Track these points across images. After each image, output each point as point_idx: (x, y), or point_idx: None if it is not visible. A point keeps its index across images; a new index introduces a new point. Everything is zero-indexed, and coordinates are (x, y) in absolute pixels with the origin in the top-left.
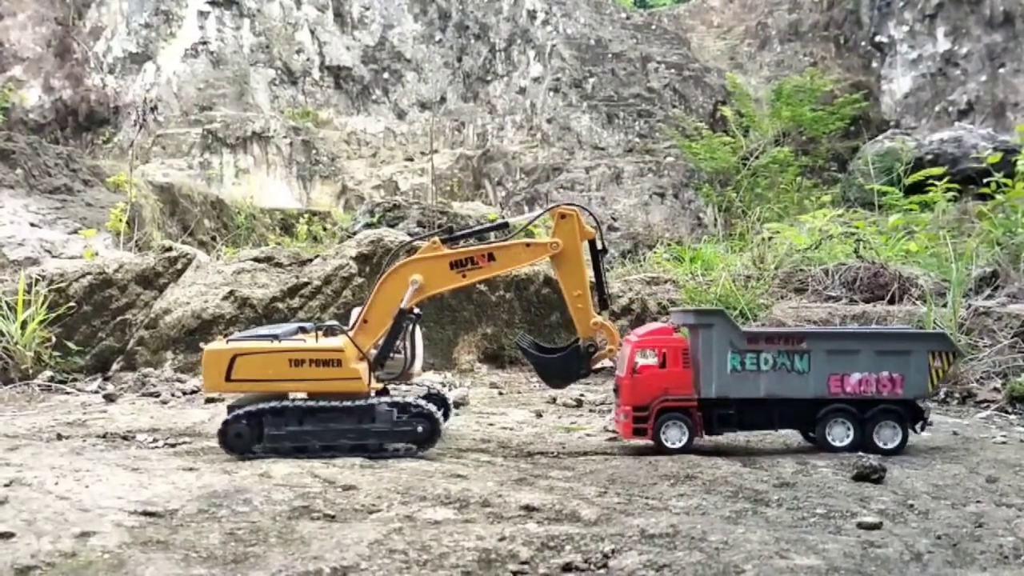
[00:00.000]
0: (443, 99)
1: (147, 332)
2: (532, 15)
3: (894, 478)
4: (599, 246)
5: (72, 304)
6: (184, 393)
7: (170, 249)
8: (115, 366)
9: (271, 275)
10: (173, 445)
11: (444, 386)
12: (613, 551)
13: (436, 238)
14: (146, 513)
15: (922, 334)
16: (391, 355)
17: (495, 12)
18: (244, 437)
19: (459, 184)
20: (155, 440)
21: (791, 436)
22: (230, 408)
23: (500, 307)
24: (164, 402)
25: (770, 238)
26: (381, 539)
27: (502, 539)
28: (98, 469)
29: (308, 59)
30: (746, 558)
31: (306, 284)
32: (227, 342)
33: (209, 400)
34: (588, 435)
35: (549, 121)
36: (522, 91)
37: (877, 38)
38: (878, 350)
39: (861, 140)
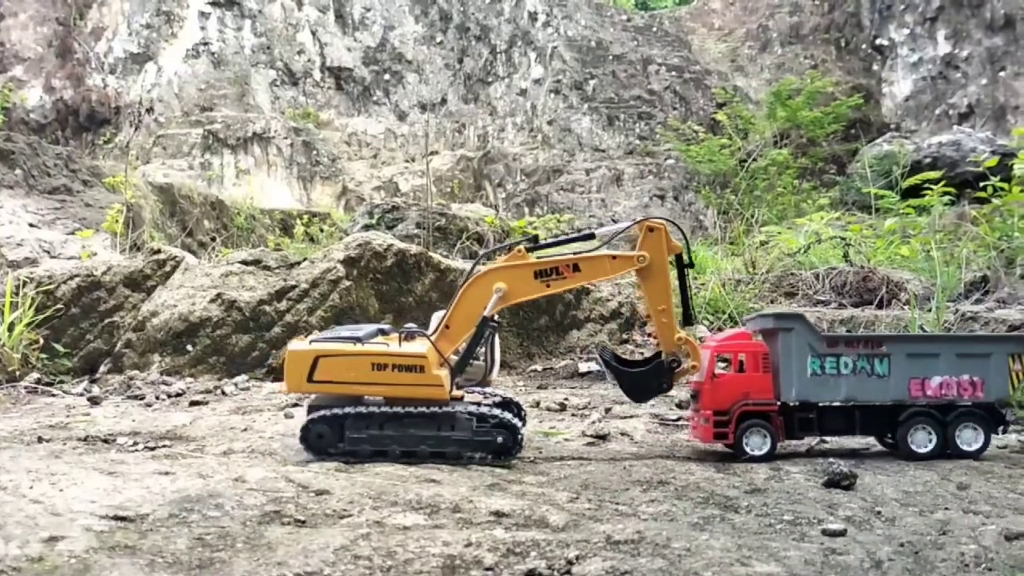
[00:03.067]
0: (444, 100)
1: (134, 335)
2: (533, 17)
3: (865, 484)
4: (686, 260)
5: (60, 306)
6: (169, 396)
7: (159, 251)
8: (102, 368)
9: (259, 278)
10: (152, 448)
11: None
12: (577, 557)
13: (521, 246)
14: (117, 517)
15: (1002, 337)
16: (471, 362)
17: (496, 14)
18: (325, 438)
19: (460, 185)
20: (135, 443)
21: None
22: (310, 408)
23: None
24: (148, 405)
25: (765, 242)
26: (348, 545)
27: (468, 545)
28: (74, 472)
29: (309, 60)
30: (707, 565)
31: (294, 287)
32: (310, 343)
33: (194, 403)
34: (567, 439)
35: (550, 123)
36: (523, 93)
37: (878, 41)
38: (958, 353)
39: (861, 143)
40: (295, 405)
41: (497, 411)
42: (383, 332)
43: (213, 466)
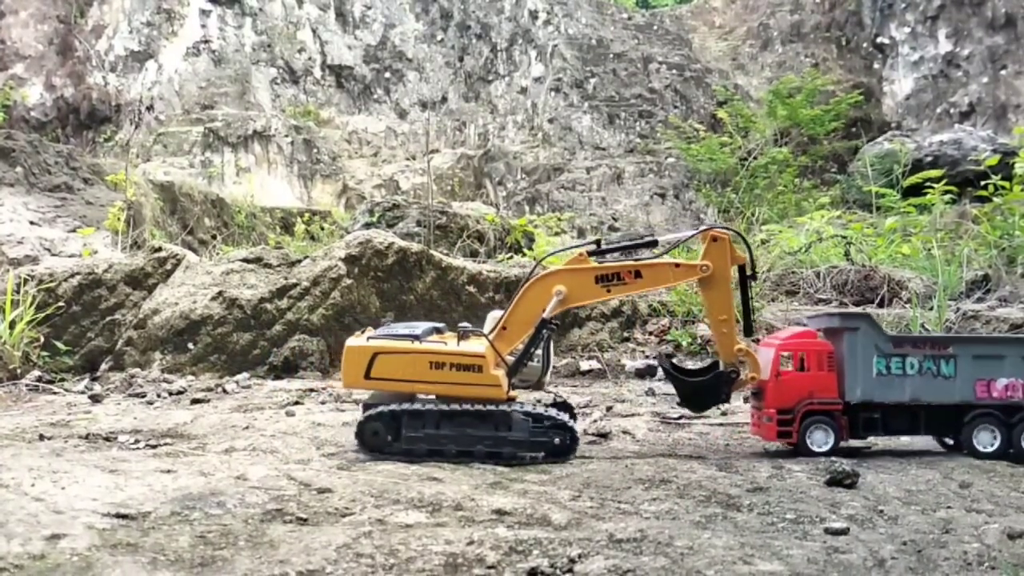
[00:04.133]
0: (444, 99)
1: (136, 332)
2: (534, 15)
3: (867, 483)
4: (748, 271)
5: (61, 304)
6: (170, 394)
7: (160, 249)
8: (103, 366)
9: (260, 276)
10: (154, 446)
11: None
12: (580, 556)
13: (583, 250)
14: (119, 515)
15: None
16: (526, 363)
17: (497, 12)
18: (380, 436)
19: (460, 184)
20: (136, 441)
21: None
22: (365, 406)
23: (490, 308)
24: (150, 403)
25: (765, 240)
26: (350, 543)
27: (470, 543)
28: (76, 470)
29: (310, 58)
30: (709, 563)
31: (295, 285)
32: (367, 339)
33: (195, 401)
34: None
35: (550, 121)
36: (523, 91)
37: (879, 39)
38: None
39: (861, 141)
40: (296, 403)
41: (554, 412)
42: (437, 331)
43: (215, 464)
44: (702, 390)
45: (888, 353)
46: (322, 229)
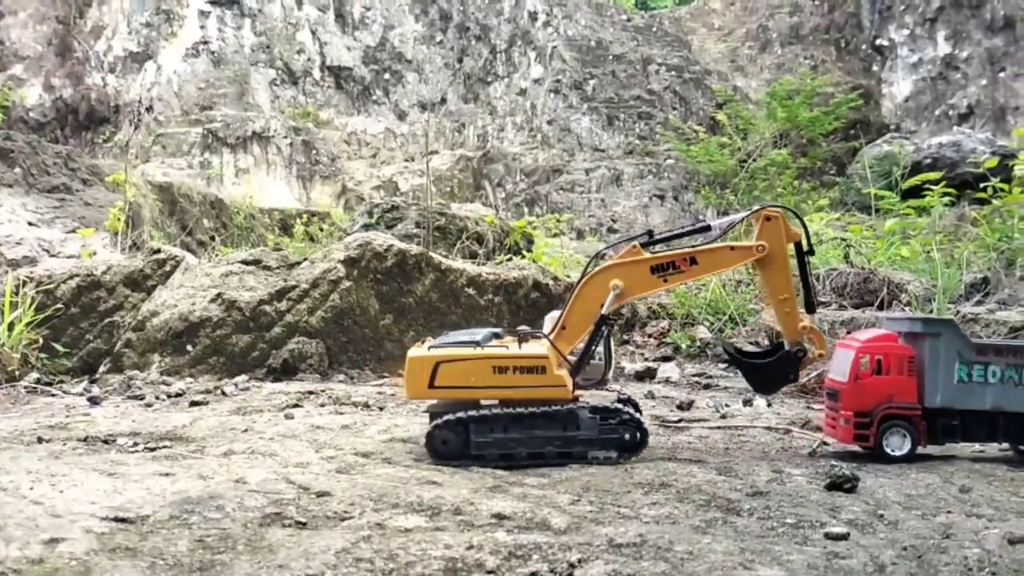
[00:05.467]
0: (443, 100)
1: (134, 334)
2: (533, 16)
3: (867, 487)
4: (805, 247)
5: (59, 306)
6: (169, 396)
7: (158, 251)
8: (102, 368)
9: (259, 278)
10: (153, 449)
11: None
12: (580, 560)
13: (636, 242)
14: (117, 519)
15: None
16: (589, 361)
17: (496, 13)
18: (450, 443)
19: (459, 185)
20: (135, 444)
21: (770, 443)
22: (431, 414)
23: (489, 310)
24: (148, 405)
25: None
26: (349, 547)
27: (470, 548)
28: (74, 474)
29: (309, 59)
30: (709, 569)
31: (294, 287)
32: (428, 348)
33: (194, 404)
34: None
35: (549, 123)
36: (522, 92)
37: (878, 41)
38: None
39: (860, 143)
40: (295, 406)
41: (621, 407)
42: (497, 335)
43: (213, 467)
44: (769, 371)
45: (970, 360)
46: (321, 230)
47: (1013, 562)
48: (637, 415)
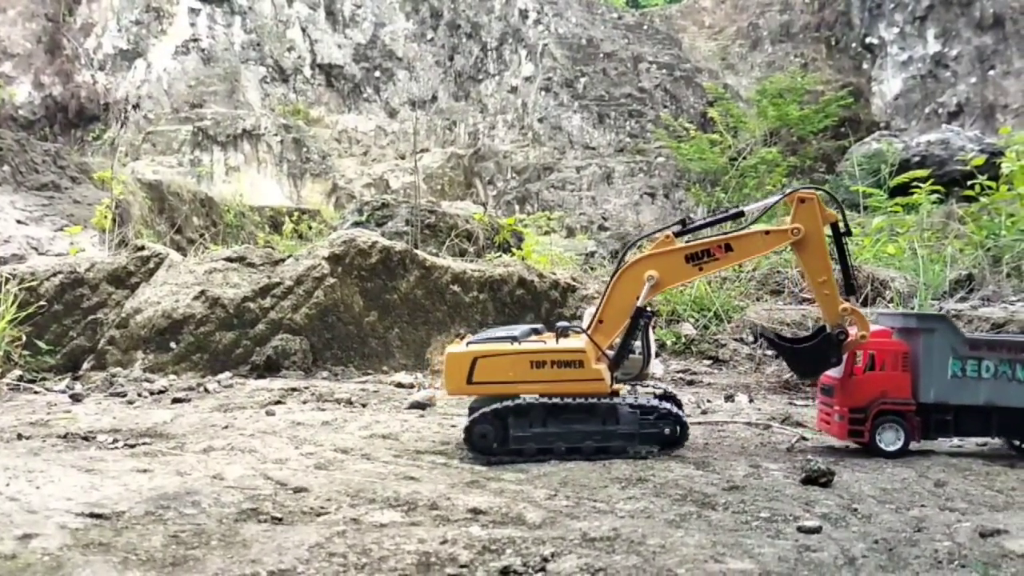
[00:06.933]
0: (434, 98)
1: (118, 332)
2: (524, 14)
3: (843, 482)
4: (842, 228)
5: (43, 303)
6: (151, 393)
7: (142, 248)
8: (85, 365)
9: (243, 275)
10: (132, 446)
11: (414, 387)
12: (553, 555)
13: (669, 231)
14: (92, 515)
15: None
16: (628, 355)
17: (487, 11)
18: (488, 437)
19: (450, 183)
20: (115, 441)
21: (749, 439)
22: (471, 409)
23: (474, 308)
24: (130, 402)
25: None
26: (323, 542)
27: (444, 542)
28: (52, 470)
29: (299, 57)
30: (680, 562)
31: (278, 284)
32: (467, 344)
33: (176, 400)
34: None
35: (540, 120)
36: (513, 90)
37: (868, 39)
38: None
39: (850, 141)
40: (278, 403)
41: (660, 402)
42: (536, 331)
43: (192, 463)
44: (810, 355)
45: (964, 355)
46: (310, 228)
47: (983, 555)
48: (676, 409)
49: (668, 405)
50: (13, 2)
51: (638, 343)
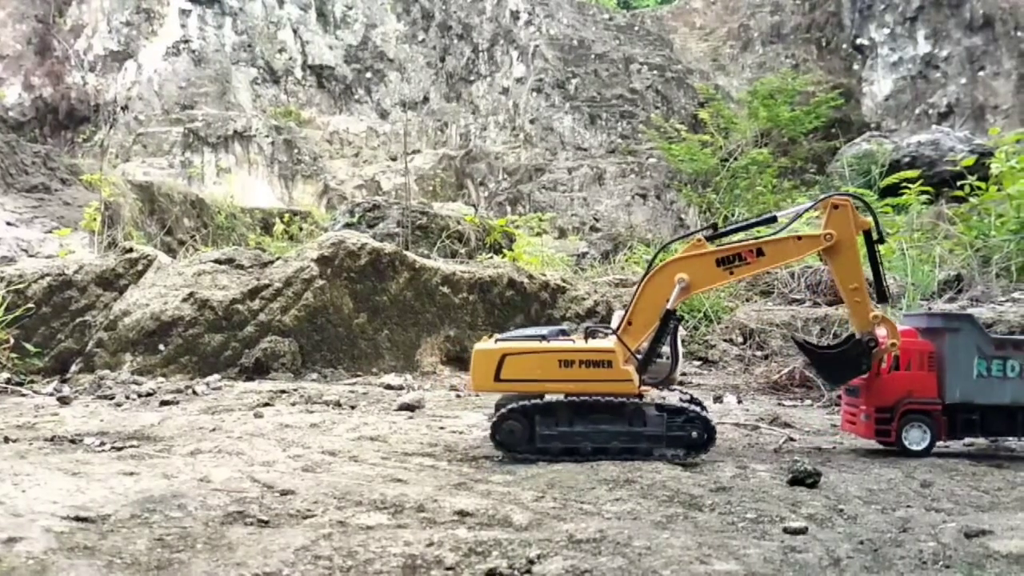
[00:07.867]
0: (426, 99)
1: (106, 334)
2: (515, 15)
3: (830, 482)
4: (875, 236)
5: (31, 305)
6: (139, 396)
7: (131, 250)
8: (73, 368)
9: (232, 277)
10: (119, 448)
11: (403, 389)
12: (539, 556)
13: (700, 235)
14: (78, 518)
15: None
16: (656, 358)
17: (478, 12)
18: (515, 434)
19: (442, 184)
20: (102, 444)
21: (737, 440)
22: (498, 406)
23: (464, 309)
24: (118, 405)
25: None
26: (308, 545)
27: (430, 544)
28: (38, 473)
29: (290, 58)
30: (666, 563)
31: (267, 286)
32: (495, 342)
33: (164, 403)
34: None
35: (532, 121)
36: (505, 91)
37: (858, 40)
38: None
39: (840, 142)
40: (266, 405)
41: (688, 405)
42: (564, 333)
43: (179, 466)
44: (839, 361)
45: (989, 355)
46: (301, 230)
47: (968, 555)
48: (704, 413)
49: (696, 408)
50: (3, 3)
51: (666, 348)
